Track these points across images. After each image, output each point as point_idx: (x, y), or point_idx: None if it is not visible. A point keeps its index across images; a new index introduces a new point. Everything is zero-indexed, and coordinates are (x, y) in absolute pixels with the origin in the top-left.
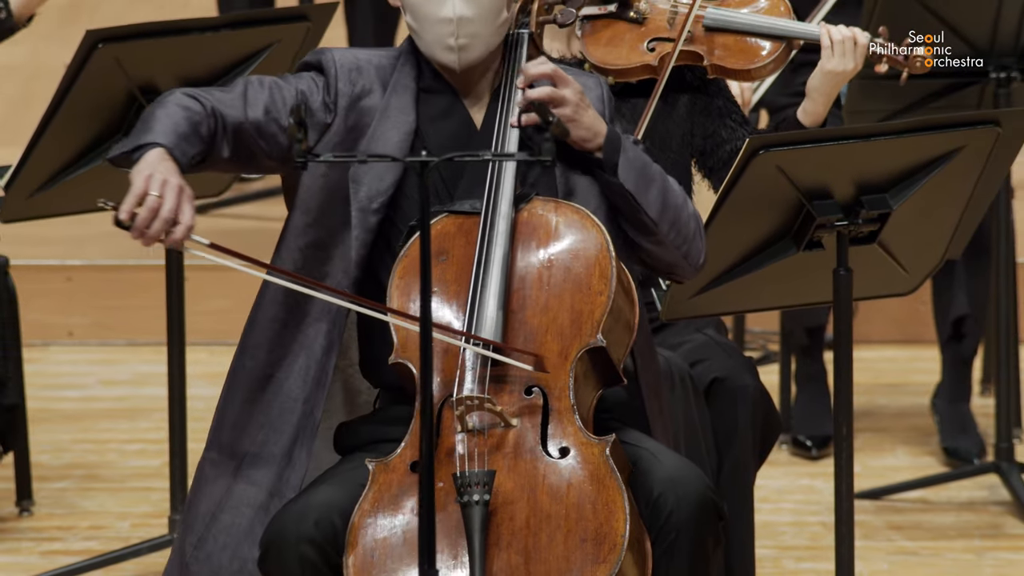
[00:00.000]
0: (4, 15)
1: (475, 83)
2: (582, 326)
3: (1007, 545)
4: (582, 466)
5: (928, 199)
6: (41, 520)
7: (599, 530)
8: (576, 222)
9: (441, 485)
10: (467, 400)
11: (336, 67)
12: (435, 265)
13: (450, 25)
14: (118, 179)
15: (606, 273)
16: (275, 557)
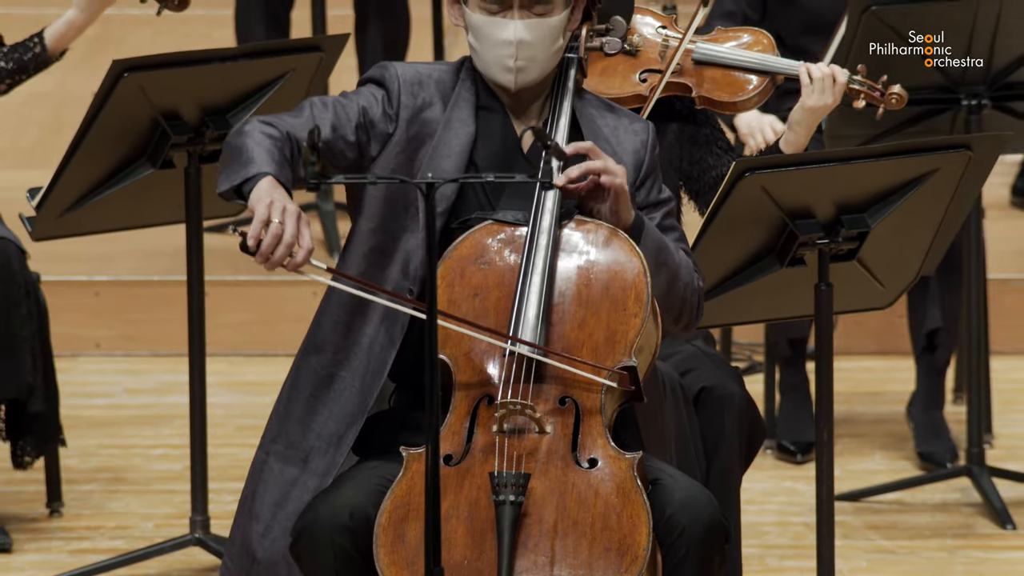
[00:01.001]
0: (39, 49)
1: (527, 104)
2: (616, 344)
3: (978, 544)
4: (610, 478)
5: (904, 219)
6: (70, 521)
7: (623, 541)
8: (617, 245)
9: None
10: (510, 404)
11: (399, 80)
12: (477, 270)
13: (510, 47)
14: (144, 200)
15: (641, 297)
16: (308, 544)
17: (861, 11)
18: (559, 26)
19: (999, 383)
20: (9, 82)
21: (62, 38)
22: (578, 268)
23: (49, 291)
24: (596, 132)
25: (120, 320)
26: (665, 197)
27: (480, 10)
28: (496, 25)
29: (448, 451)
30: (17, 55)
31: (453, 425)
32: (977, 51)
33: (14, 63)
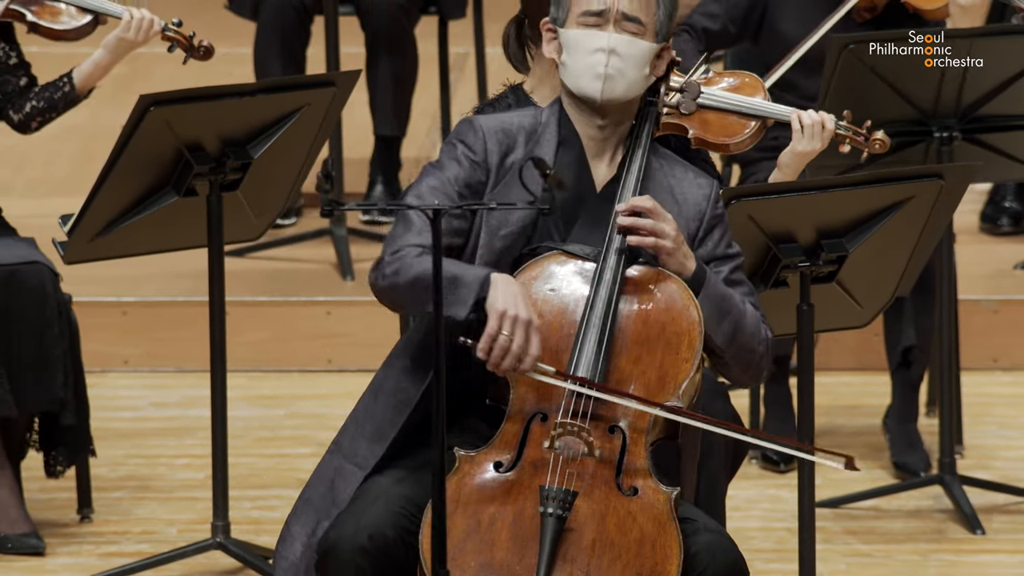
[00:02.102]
0: (68, 88)
1: (605, 143)
2: (666, 384)
3: (949, 548)
4: (649, 508)
5: (880, 243)
6: (99, 526)
7: (654, 569)
8: (676, 292)
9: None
10: (568, 424)
11: (483, 131)
12: (543, 294)
13: (602, 54)
14: (169, 226)
15: (694, 344)
16: (331, 564)
17: (839, 50)
18: (647, 53)
19: (969, 397)
20: (40, 119)
21: (89, 78)
22: (638, 308)
23: (80, 311)
24: (662, 185)
25: (146, 338)
26: (734, 252)
27: (578, 25)
28: (592, 35)
29: (499, 458)
30: (48, 94)
31: (507, 434)
32: (949, 85)
33: (45, 102)
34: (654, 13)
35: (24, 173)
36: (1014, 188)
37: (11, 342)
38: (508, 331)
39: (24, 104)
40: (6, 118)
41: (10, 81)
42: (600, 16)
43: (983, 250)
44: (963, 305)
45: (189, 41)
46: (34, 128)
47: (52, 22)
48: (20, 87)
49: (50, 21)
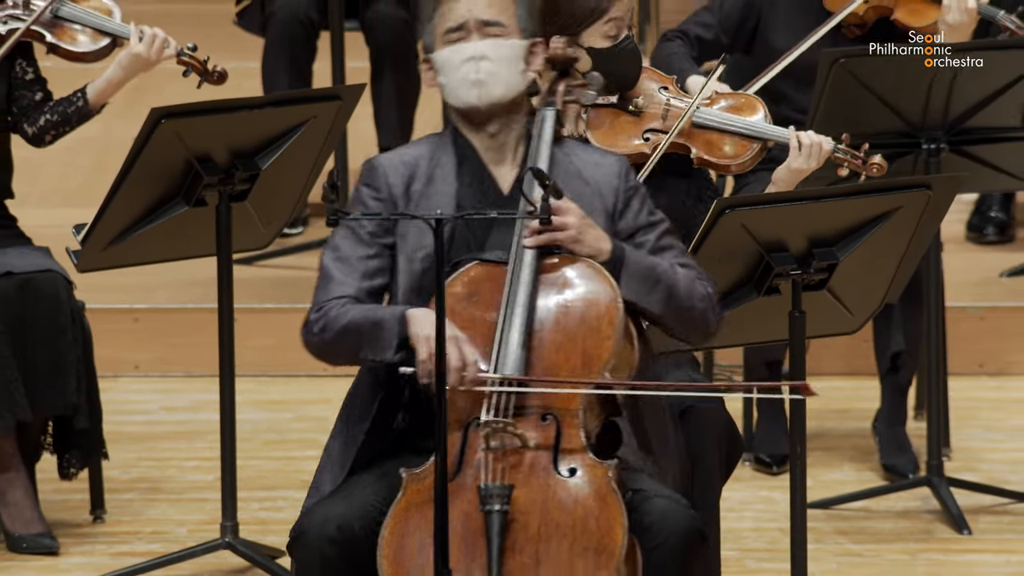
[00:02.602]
0: (81, 103)
1: (502, 148)
2: (591, 365)
3: (937, 548)
4: (588, 485)
5: (870, 252)
6: (111, 526)
7: (600, 541)
8: (591, 275)
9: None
10: (492, 423)
11: (383, 168)
12: (466, 306)
13: (472, 62)
14: (179, 235)
15: (614, 321)
16: (300, 549)
17: (830, 64)
18: (516, 50)
19: (956, 401)
20: (54, 133)
21: (102, 94)
22: (556, 298)
23: (93, 318)
24: (569, 171)
25: (157, 344)
26: (657, 219)
27: (445, 44)
28: (458, 48)
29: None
30: (61, 109)
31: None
32: (937, 98)
33: (58, 116)
34: (513, 13)
35: (39, 184)
36: (1000, 198)
37: (26, 348)
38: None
39: (39, 118)
40: (21, 131)
41: (25, 96)
42: (461, 29)
43: (970, 258)
44: (950, 312)
45: (204, 66)
46: (48, 142)
47: (71, 44)
48: (35, 101)
49: (69, 43)
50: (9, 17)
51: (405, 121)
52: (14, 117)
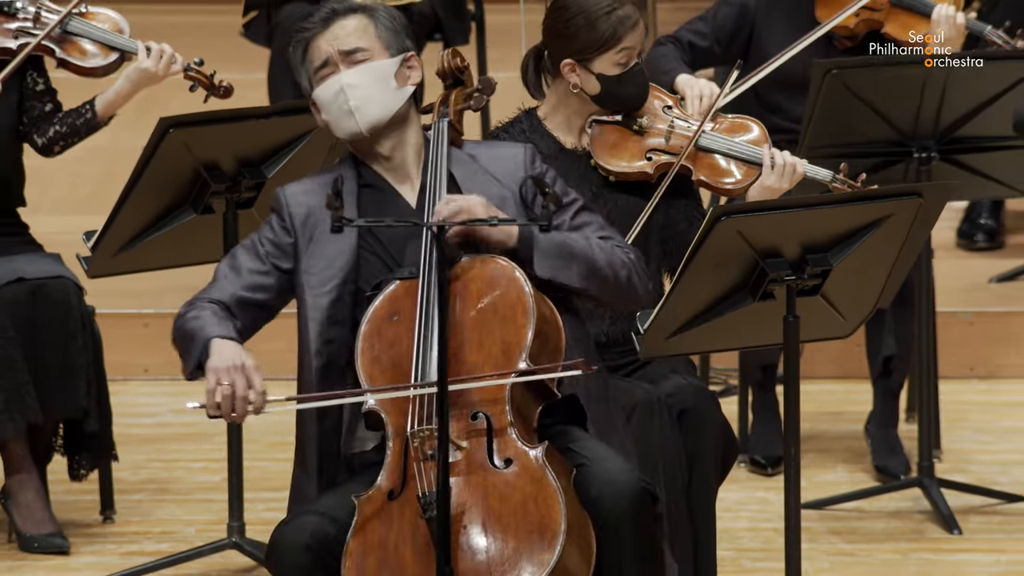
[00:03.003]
0: (90, 115)
1: (401, 166)
2: (511, 355)
3: (928, 547)
4: (523, 471)
5: (862, 258)
6: (121, 526)
7: (541, 522)
8: (498, 270)
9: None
10: (418, 432)
11: (285, 197)
12: (390, 324)
13: (341, 94)
14: (187, 242)
15: (527, 307)
16: (276, 555)
17: (823, 74)
18: (383, 69)
19: (946, 404)
20: (63, 144)
21: (110, 106)
22: (467, 299)
23: (103, 323)
24: (479, 173)
25: (166, 348)
26: (570, 200)
27: (317, 82)
28: (327, 84)
29: (390, 487)
30: (70, 120)
31: (391, 464)
32: (928, 108)
33: (67, 127)
34: (374, 35)
35: (50, 192)
36: (989, 205)
37: (37, 352)
38: (227, 380)
39: (48, 129)
40: (31, 142)
41: (36, 107)
42: (327, 65)
43: (960, 264)
44: (941, 317)
45: (210, 80)
46: (56, 152)
47: (80, 59)
48: (45, 112)
49: (79, 58)
50: (20, 32)
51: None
52: (24, 127)
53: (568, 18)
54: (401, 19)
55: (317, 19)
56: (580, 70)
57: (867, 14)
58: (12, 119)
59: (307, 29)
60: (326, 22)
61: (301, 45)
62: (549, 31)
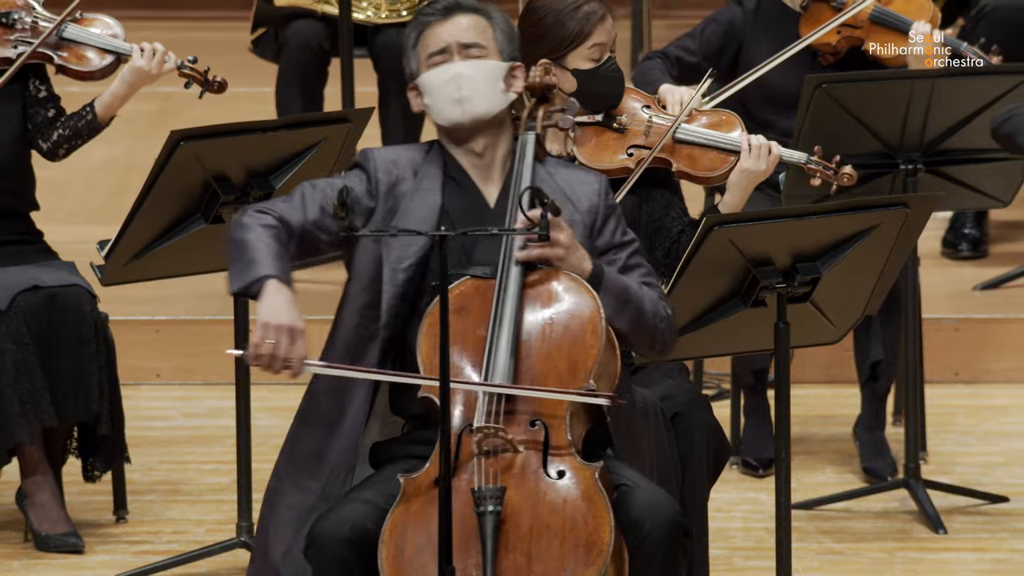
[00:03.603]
0: (91, 117)
1: (489, 167)
2: (577, 372)
3: (914, 546)
4: (576, 486)
5: (851, 266)
6: (133, 526)
7: (589, 538)
8: (574, 288)
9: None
10: (485, 429)
11: (375, 162)
12: (458, 318)
13: (454, 81)
14: (197, 251)
15: (597, 331)
16: (316, 551)
17: (813, 88)
18: (495, 70)
19: (932, 408)
20: (67, 147)
21: (109, 107)
22: (541, 309)
23: (116, 329)
24: (553, 189)
25: (177, 354)
26: (629, 239)
27: (427, 67)
28: (440, 70)
29: (437, 475)
30: (72, 123)
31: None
32: (913, 122)
33: (69, 130)
34: (492, 36)
35: (65, 203)
36: (973, 216)
37: (52, 358)
38: (273, 338)
39: (51, 133)
40: (36, 147)
41: (39, 113)
42: (444, 53)
43: (945, 273)
44: (926, 323)
45: (204, 76)
46: (61, 156)
47: (77, 64)
48: (48, 118)
49: (76, 63)
50: (19, 41)
51: (411, 142)
52: (30, 134)
53: (538, 19)
54: (514, 29)
55: (439, 7)
56: (556, 70)
57: (848, 31)
58: (18, 127)
59: (427, 15)
60: (448, 12)
61: (417, 30)
62: (522, 37)
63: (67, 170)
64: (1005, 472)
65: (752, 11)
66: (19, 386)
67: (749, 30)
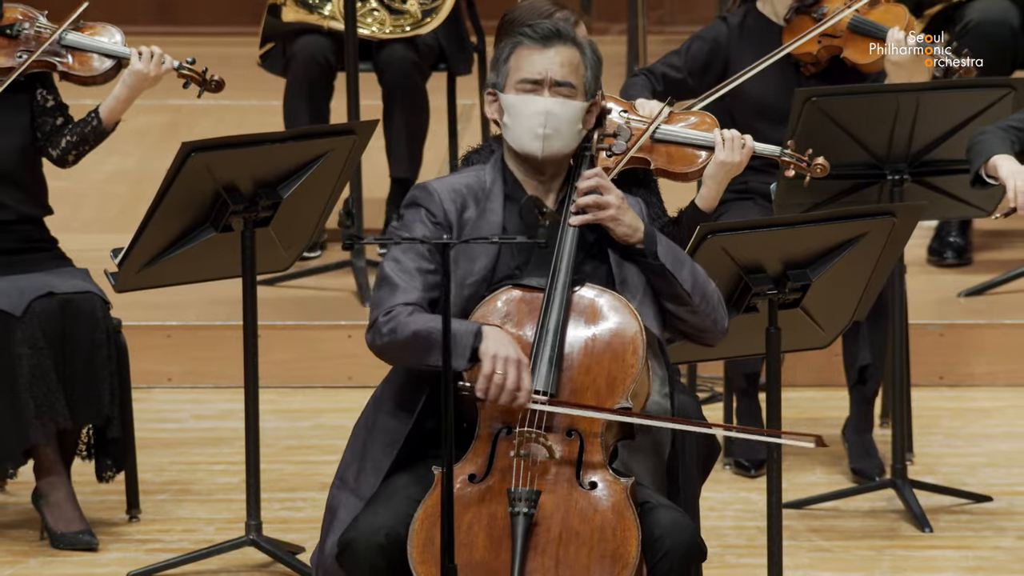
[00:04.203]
0: (96, 123)
1: (547, 190)
2: (615, 389)
3: (901, 544)
4: (607, 498)
5: (839, 273)
6: (146, 525)
7: (616, 551)
8: (618, 307)
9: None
10: (527, 433)
11: (438, 195)
12: (503, 322)
13: (540, 116)
14: (207, 258)
15: (637, 351)
16: (350, 558)
17: (803, 101)
18: (579, 111)
19: (918, 410)
20: (76, 153)
21: (112, 112)
22: (585, 325)
23: (129, 334)
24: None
25: (188, 358)
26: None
27: (516, 91)
28: (529, 100)
29: (472, 471)
30: (79, 129)
31: (478, 450)
32: (900, 134)
33: (77, 136)
34: (583, 76)
35: (80, 212)
36: (958, 224)
37: (66, 362)
38: (502, 371)
39: (60, 140)
40: (46, 155)
41: (48, 122)
42: (537, 84)
43: (930, 280)
44: (913, 328)
45: (202, 76)
46: (71, 162)
47: (80, 69)
48: (57, 126)
49: (78, 69)
50: (24, 51)
51: (414, 154)
52: (39, 142)
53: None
54: (601, 61)
55: (539, 32)
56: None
57: (828, 40)
58: (27, 136)
59: (526, 35)
60: (547, 41)
61: (512, 46)
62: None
63: (82, 181)
64: (989, 472)
65: (737, 27)
66: (34, 389)
67: (735, 46)
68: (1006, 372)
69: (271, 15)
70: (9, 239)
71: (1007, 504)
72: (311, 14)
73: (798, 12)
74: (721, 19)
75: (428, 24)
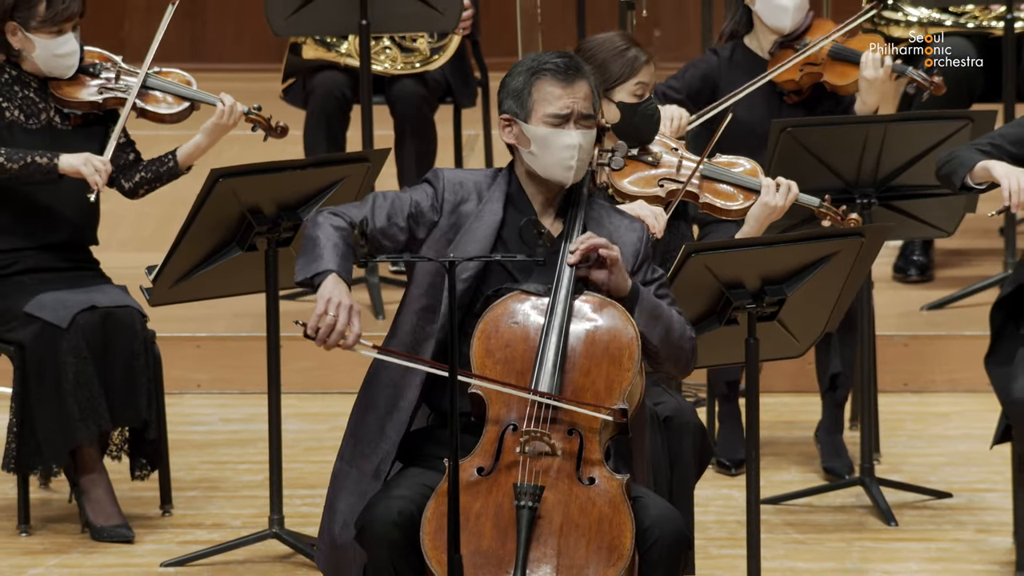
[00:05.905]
0: (172, 164)
1: (552, 203)
2: (612, 391)
3: (869, 537)
4: (604, 493)
5: (813, 289)
6: (178, 519)
7: (612, 543)
8: (616, 315)
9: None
10: (533, 431)
11: (444, 181)
12: (508, 327)
13: (572, 150)
14: (234, 275)
15: (634, 356)
16: (368, 536)
17: (779, 131)
18: (595, 137)
19: (884, 414)
20: (147, 188)
21: (189, 157)
22: (586, 330)
23: (162, 345)
24: (604, 233)
25: (216, 366)
26: (658, 275)
27: (544, 125)
28: (560, 134)
29: (480, 464)
30: (154, 168)
31: (486, 445)
32: (868, 161)
33: (152, 174)
34: (594, 102)
35: (118, 232)
36: (921, 244)
37: (107, 370)
38: (333, 312)
39: (134, 175)
40: (118, 186)
41: (122, 156)
42: (562, 119)
43: (896, 295)
44: (879, 339)
45: (268, 122)
46: (141, 195)
47: (156, 108)
48: (130, 161)
49: (155, 107)
50: (104, 88)
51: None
52: (112, 173)
53: (590, 56)
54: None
55: (560, 65)
56: (603, 102)
57: (809, 68)
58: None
59: (547, 67)
60: (569, 76)
61: (533, 77)
62: None
63: (119, 203)
64: (949, 471)
65: (727, 59)
66: (79, 395)
67: (724, 76)
68: (965, 379)
69: (292, 53)
70: (58, 259)
71: (966, 500)
72: (329, 52)
73: (782, 47)
74: (712, 52)
75: (436, 61)
